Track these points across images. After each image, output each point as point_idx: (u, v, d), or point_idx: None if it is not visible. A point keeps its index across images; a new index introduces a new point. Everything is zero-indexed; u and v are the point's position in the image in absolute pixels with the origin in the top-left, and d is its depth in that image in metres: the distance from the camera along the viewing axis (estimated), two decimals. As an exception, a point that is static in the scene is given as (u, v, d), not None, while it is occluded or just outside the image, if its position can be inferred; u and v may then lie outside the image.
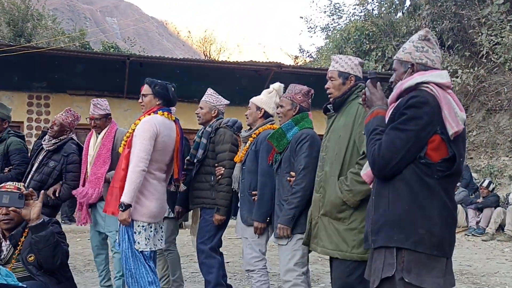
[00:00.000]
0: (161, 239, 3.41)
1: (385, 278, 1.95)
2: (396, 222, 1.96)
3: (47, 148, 4.29)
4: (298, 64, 20.37)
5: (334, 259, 2.69)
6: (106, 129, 4.23)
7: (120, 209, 3.08)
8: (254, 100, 3.80)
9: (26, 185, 4.19)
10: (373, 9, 17.54)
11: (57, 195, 4.19)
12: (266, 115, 3.77)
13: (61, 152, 4.27)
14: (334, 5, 18.98)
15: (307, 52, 21.75)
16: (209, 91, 4.19)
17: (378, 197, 2.07)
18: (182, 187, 3.93)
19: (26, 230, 2.90)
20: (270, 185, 3.44)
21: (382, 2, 16.94)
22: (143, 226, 3.21)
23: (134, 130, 3.30)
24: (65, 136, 4.35)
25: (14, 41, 17.04)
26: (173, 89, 3.46)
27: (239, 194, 3.75)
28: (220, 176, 3.80)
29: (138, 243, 3.18)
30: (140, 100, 3.51)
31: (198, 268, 5.50)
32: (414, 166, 1.96)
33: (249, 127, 3.86)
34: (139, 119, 3.35)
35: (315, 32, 20.05)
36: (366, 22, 16.42)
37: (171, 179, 3.55)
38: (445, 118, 1.93)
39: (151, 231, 3.25)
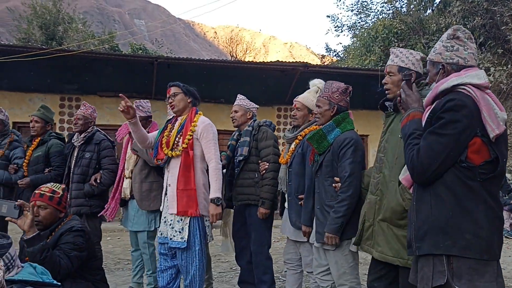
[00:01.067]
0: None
1: (436, 286, 1.89)
2: (441, 228, 1.90)
3: (79, 144, 4.46)
4: (325, 64, 20.23)
5: (400, 267, 2.54)
6: (146, 130, 4.32)
7: (217, 203, 3.35)
8: (305, 101, 3.65)
9: (70, 180, 4.40)
10: (401, 7, 17.28)
11: (98, 181, 4.34)
12: None
13: (92, 142, 4.47)
14: (361, 3, 18.80)
15: (334, 51, 21.63)
16: (240, 96, 4.29)
17: (420, 202, 2.01)
18: None
19: (52, 234, 2.99)
20: None
21: (411, 0, 16.65)
22: (208, 220, 3.48)
23: (194, 132, 3.46)
24: (91, 128, 4.56)
25: (46, 44, 17.51)
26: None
27: (286, 197, 3.71)
28: (264, 171, 3.88)
29: (210, 236, 3.52)
30: (170, 101, 3.61)
31: (225, 268, 5.53)
32: (455, 170, 1.90)
33: (292, 127, 3.79)
34: (195, 121, 3.49)
35: (342, 31, 19.92)
36: (395, 20, 16.18)
37: None
38: (485, 120, 1.86)
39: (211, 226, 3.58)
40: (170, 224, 3.44)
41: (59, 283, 2.43)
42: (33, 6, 20.23)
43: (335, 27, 19.84)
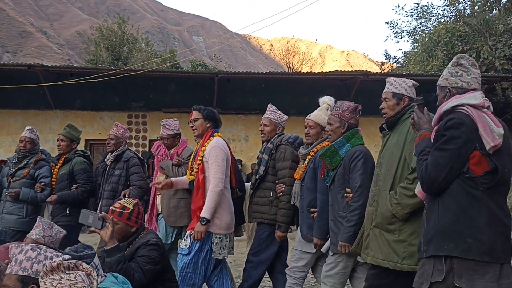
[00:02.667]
0: (232, 247, 3.80)
1: (434, 282, 2.12)
2: (444, 232, 2.14)
3: (109, 162, 4.69)
4: (385, 71, 19.81)
5: (392, 271, 2.76)
6: (175, 147, 4.54)
7: (202, 223, 3.48)
8: (317, 119, 3.80)
9: (100, 196, 4.64)
10: (465, 9, 16.61)
11: (127, 197, 4.46)
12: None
13: (121, 160, 4.67)
14: (421, 7, 18.28)
15: (394, 58, 21.12)
16: (271, 107, 4.23)
17: (429, 211, 2.26)
18: (238, 193, 4.12)
19: (129, 246, 3.14)
20: (329, 203, 3.50)
21: (475, 1, 15.96)
22: (219, 237, 3.62)
23: (203, 157, 3.69)
24: (122, 147, 4.76)
25: (112, 64, 18.48)
26: (217, 112, 3.90)
27: (299, 211, 3.80)
28: (281, 193, 3.88)
29: (215, 252, 3.60)
30: (191, 125, 3.88)
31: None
32: (460, 180, 2.14)
33: (306, 144, 3.89)
34: (204, 146, 3.74)
35: (401, 37, 19.43)
36: (458, 22, 15.58)
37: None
38: (482, 135, 2.11)
39: (227, 241, 3.68)
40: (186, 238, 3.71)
41: (138, 293, 2.55)
42: (100, 29, 21.45)
43: (394, 33, 19.42)
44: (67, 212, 4.67)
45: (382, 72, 18.59)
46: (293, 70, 31.81)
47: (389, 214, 2.73)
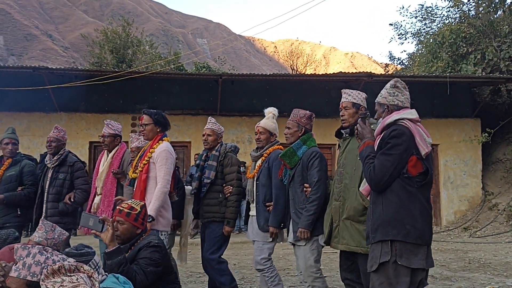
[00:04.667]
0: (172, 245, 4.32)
1: (382, 262, 2.61)
2: (389, 221, 2.64)
3: (52, 165, 4.81)
4: (389, 73, 19.75)
5: (359, 255, 3.30)
6: (115, 149, 4.76)
7: (148, 220, 3.54)
8: (267, 126, 4.35)
9: (45, 199, 4.74)
10: (469, 10, 16.50)
11: (72, 200, 4.69)
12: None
13: (66, 164, 4.83)
14: (425, 9, 18.20)
15: (398, 60, 21.05)
16: (211, 119, 4.70)
17: (374, 205, 2.76)
18: (175, 198, 4.38)
19: (131, 248, 3.14)
20: (283, 196, 4.07)
21: (479, 2, 15.87)
22: (165, 235, 3.89)
23: (150, 158, 3.94)
24: (63, 150, 4.91)
25: (117, 67, 18.52)
26: (166, 115, 4.20)
27: (254, 205, 4.32)
28: (229, 194, 4.40)
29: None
30: (141, 129, 4.16)
31: (295, 282, 5.52)
32: (400, 179, 2.66)
33: (256, 148, 4.44)
34: (152, 148, 3.99)
35: (406, 39, 19.35)
36: (462, 24, 15.50)
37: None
38: (418, 143, 2.67)
39: (166, 239, 3.93)
40: None
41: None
42: (105, 32, 21.49)
43: (398, 35, 19.34)
44: (18, 212, 4.84)
45: (387, 73, 18.52)
46: (297, 72, 31.77)
47: (361, 207, 3.24)
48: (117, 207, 3.27)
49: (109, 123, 4.84)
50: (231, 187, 4.41)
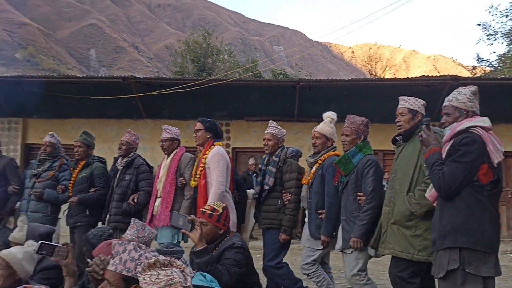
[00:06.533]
0: None
1: (450, 270, 2.59)
2: (458, 229, 2.61)
3: (121, 167, 5.01)
4: (477, 75, 18.64)
5: (394, 257, 3.27)
6: (174, 152, 4.81)
7: None
8: (323, 131, 4.29)
9: (111, 199, 4.92)
10: None
11: (135, 201, 4.83)
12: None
13: (132, 166, 4.99)
14: (517, 6, 17.01)
15: (487, 61, 19.83)
16: (272, 123, 4.64)
17: (442, 212, 2.73)
18: (234, 199, 4.48)
19: (216, 249, 3.24)
20: (336, 205, 3.98)
21: None
22: None
23: (205, 164, 4.15)
24: (133, 153, 5.07)
25: (197, 75, 19.24)
26: (219, 124, 4.40)
27: (307, 212, 4.28)
28: (287, 201, 4.33)
29: None
30: (194, 135, 4.42)
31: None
32: (469, 187, 2.63)
33: (313, 153, 4.39)
34: (205, 154, 4.24)
35: (495, 39, 18.21)
36: (561, 21, 14.28)
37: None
38: (490, 151, 2.64)
39: None
40: None
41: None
42: (186, 42, 22.49)
43: (487, 36, 18.26)
44: (87, 212, 5.08)
45: (474, 76, 17.49)
46: (376, 77, 31.00)
47: (407, 212, 3.19)
48: (200, 209, 3.40)
49: (167, 128, 4.95)
50: (290, 195, 4.35)
